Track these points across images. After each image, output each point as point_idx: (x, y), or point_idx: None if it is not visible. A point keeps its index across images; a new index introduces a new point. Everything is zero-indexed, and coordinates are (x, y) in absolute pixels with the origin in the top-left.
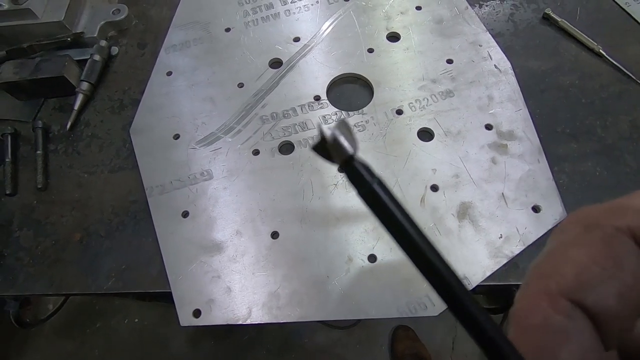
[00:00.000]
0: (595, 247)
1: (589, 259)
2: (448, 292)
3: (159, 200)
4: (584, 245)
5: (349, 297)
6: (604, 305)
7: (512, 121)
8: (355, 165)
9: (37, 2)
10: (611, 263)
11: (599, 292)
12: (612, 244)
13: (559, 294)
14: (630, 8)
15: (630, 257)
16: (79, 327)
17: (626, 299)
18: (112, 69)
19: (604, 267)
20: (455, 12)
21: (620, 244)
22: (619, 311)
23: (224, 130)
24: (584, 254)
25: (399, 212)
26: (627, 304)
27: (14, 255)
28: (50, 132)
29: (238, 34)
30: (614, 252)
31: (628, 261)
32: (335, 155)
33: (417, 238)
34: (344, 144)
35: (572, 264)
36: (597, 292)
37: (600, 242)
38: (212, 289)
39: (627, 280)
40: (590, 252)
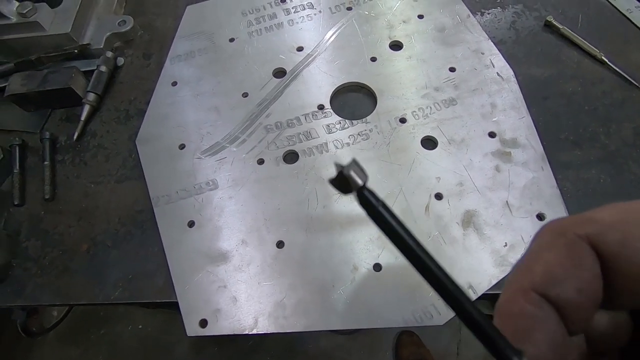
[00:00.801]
0: (560, 250)
1: (555, 260)
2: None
3: (165, 210)
4: (551, 249)
5: (354, 306)
6: (565, 297)
7: (516, 129)
8: (365, 194)
9: (44, 15)
10: (571, 264)
11: (562, 287)
12: (573, 249)
13: (531, 288)
14: (632, 15)
15: (587, 259)
16: (83, 334)
17: (584, 292)
18: (118, 79)
19: (566, 267)
20: (457, 20)
21: (579, 249)
22: (579, 302)
23: (229, 139)
24: (551, 256)
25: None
26: (585, 297)
27: (22, 265)
28: (57, 142)
29: (242, 44)
30: (575, 254)
31: (585, 262)
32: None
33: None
34: (356, 178)
35: (541, 264)
36: (560, 287)
37: (564, 246)
38: (219, 298)
39: (584, 277)
40: (556, 254)
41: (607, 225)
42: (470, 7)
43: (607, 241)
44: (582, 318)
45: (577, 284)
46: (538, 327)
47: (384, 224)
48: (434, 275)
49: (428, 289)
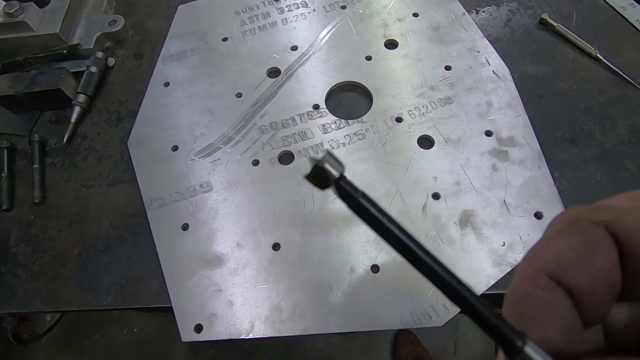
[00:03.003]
0: (573, 237)
1: (568, 245)
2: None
3: (159, 213)
4: (564, 236)
5: (352, 308)
6: (579, 282)
7: (512, 127)
8: (343, 185)
9: (32, 15)
10: (586, 249)
11: (575, 271)
12: (587, 234)
13: (542, 273)
14: (626, 12)
15: (602, 244)
16: (77, 338)
17: (599, 279)
18: (109, 80)
19: (579, 251)
20: (452, 18)
21: (594, 234)
22: (594, 289)
23: (223, 140)
24: (564, 242)
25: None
26: (601, 284)
27: (11, 272)
28: (47, 145)
29: (235, 44)
30: (589, 240)
31: (600, 247)
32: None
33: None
34: (332, 170)
35: (554, 250)
36: (573, 272)
37: (578, 233)
38: (214, 303)
39: (599, 262)
40: (569, 240)
41: (624, 211)
42: (465, 5)
43: (624, 226)
44: (598, 307)
45: (592, 269)
46: (547, 311)
47: (366, 215)
48: (421, 261)
49: (426, 290)
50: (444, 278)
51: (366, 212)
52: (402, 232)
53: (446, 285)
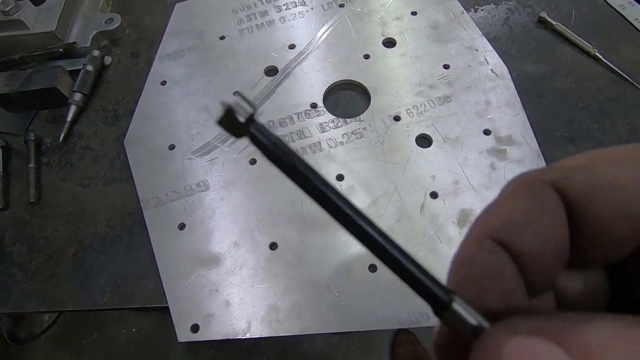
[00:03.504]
0: (521, 197)
1: (514, 206)
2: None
3: (155, 213)
4: (513, 197)
5: (350, 308)
6: (524, 244)
7: (511, 126)
8: (252, 131)
9: (28, 13)
10: (532, 209)
11: (520, 233)
12: (536, 194)
13: (485, 236)
14: (624, 10)
15: (549, 204)
16: (75, 338)
17: (546, 239)
18: (106, 79)
19: (525, 212)
20: (450, 16)
21: (543, 194)
22: (541, 251)
23: (220, 139)
24: (510, 203)
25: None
26: (548, 245)
27: (6, 271)
28: (42, 144)
29: (233, 42)
30: (537, 200)
31: (548, 207)
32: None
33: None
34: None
35: (499, 212)
36: (518, 233)
37: (526, 193)
38: (211, 303)
39: (546, 223)
40: (516, 201)
41: (573, 169)
42: (463, 3)
43: (573, 185)
44: (545, 271)
45: (537, 229)
46: (488, 274)
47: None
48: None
49: None
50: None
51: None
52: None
53: (366, 235)
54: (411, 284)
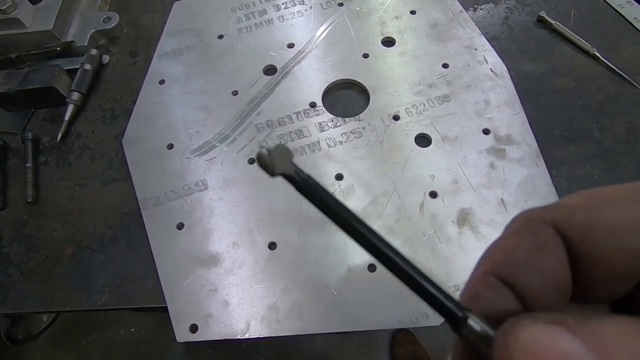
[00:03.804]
0: (523, 236)
1: (516, 245)
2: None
3: (153, 212)
4: (515, 235)
5: (349, 308)
6: (526, 281)
7: (510, 125)
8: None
9: (25, 12)
10: (534, 248)
11: (522, 271)
12: (537, 233)
13: (489, 273)
14: (623, 10)
15: (550, 243)
16: (74, 339)
17: (546, 278)
18: (104, 78)
19: (527, 250)
20: (449, 16)
21: (543, 233)
22: (541, 288)
23: (219, 138)
24: (513, 241)
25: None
26: (548, 282)
27: (4, 271)
28: (40, 143)
29: (231, 41)
30: (538, 239)
31: (549, 246)
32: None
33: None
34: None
35: (502, 249)
36: (520, 271)
37: (528, 232)
38: (209, 303)
39: (547, 261)
40: (519, 240)
41: (572, 208)
42: (462, 2)
43: (572, 224)
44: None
45: (539, 269)
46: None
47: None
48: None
49: None
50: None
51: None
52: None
53: (391, 261)
54: (430, 302)
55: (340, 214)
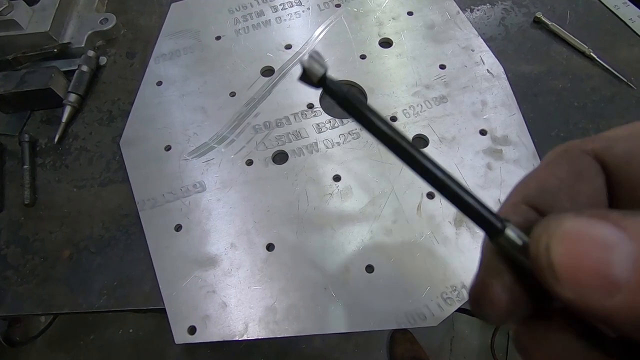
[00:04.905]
0: (559, 165)
1: (551, 174)
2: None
3: (151, 214)
4: (551, 165)
5: (347, 309)
6: (558, 208)
7: (507, 126)
8: (328, 84)
9: (21, 13)
10: (569, 176)
11: (555, 198)
12: (574, 162)
13: (521, 202)
14: (619, 11)
15: (587, 172)
16: (72, 340)
17: (580, 204)
18: (101, 79)
19: (562, 179)
20: (446, 17)
21: (581, 162)
22: None
23: (217, 140)
24: (548, 170)
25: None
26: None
27: (1, 274)
28: (37, 145)
29: (229, 42)
30: (575, 168)
31: (586, 174)
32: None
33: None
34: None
35: (536, 178)
36: (552, 198)
37: (565, 161)
38: (207, 304)
39: (582, 188)
40: (554, 169)
41: (614, 139)
42: (459, 3)
43: (614, 153)
44: None
45: (572, 195)
46: None
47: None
48: (405, 151)
49: (421, 290)
50: (426, 167)
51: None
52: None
53: (429, 173)
54: (470, 214)
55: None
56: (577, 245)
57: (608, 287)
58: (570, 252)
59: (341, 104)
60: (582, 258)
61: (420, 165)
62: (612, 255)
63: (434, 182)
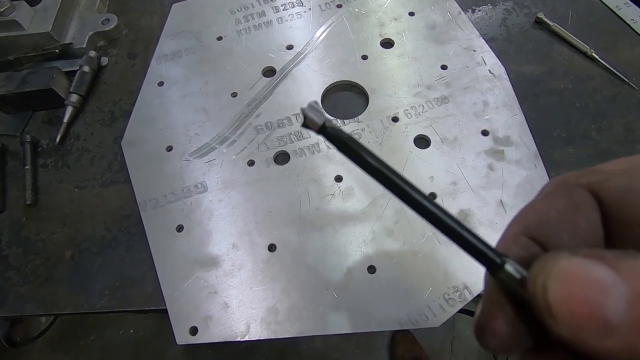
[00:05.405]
0: (557, 198)
1: (550, 206)
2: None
3: (153, 215)
4: (549, 197)
5: (348, 310)
6: (557, 240)
7: (508, 127)
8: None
9: (23, 14)
10: (567, 209)
11: (554, 230)
12: (571, 196)
13: (520, 233)
14: (621, 11)
15: (584, 205)
16: (72, 340)
17: (578, 238)
18: (102, 80)
19: (560, 211)
20: (448, 17)
21: (577, 195)
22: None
23: (218, 140)
24: (547, 203)
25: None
26: (580, 243)
27: (2, 274)
28: (39, 146)
29: (230, 43)
30: (572, 201)
31: (582, 208)
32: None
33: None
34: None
35: (536, 210)
36: (552, 230)
37: (562, 194)
38: (209, 305)
39: (579, 222)
40: (552, 201)
41: (610, 173)
42: (461, 4)
43: (609, 187)
44: None
45: (570, 228)
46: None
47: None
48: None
49: (423, 290)
50: (425, 206)
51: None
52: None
53: (429, 212)
54: (470, 251)
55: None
56: (573, 286)
57: (603, 328)
58: (567, 293)
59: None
60: (578, 299)
61: (422, 206)
62: (607, 297)
63: (437, 222)
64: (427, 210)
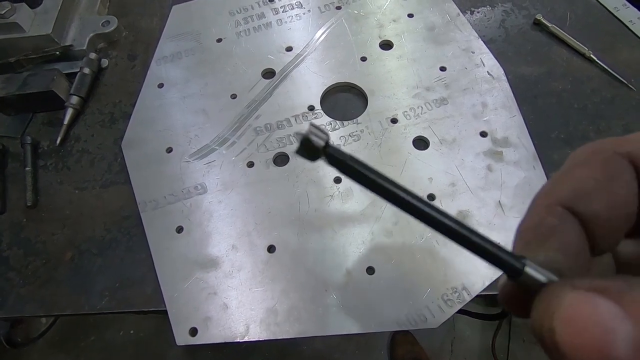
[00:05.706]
0: (594, 166)
1: (587, 175)
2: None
3: (153, 216)
4: (585, 165)
5: (348, 310)
6: (594, 210)
7: (507, 128)
8: (330, 152)
9: (24, 16)
10: (606, 178)
11: (592, 200)
12: (609, 164)
13: (555, 203)
14: (619, 13)
15: (623, 175)
16: (73, 341)
17: (615, 208)
18: (102, 81)
19: (598, 180)
20: (447, 19)
21: (616, 164)
22: (609, 218)
23: (218, 142)
24: (584, 171)
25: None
26: (615, 212)
27: (3, 275)
28: (39, 147)
29: (230, 45)
30: (610, 169)
31: (621, 178)
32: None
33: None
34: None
35: (571, 179)
36: (588, 200)
37: (599, 162)
38: (209, 306)
39: (617, 191)
40: (589, 170)
41: None
42: (459, 5)
43: None
44: (610, 236)
45: (607, 197)
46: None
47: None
48: (414, 207)
49: (422, 291)
50: (437, 219)
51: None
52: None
53: (441, 224)
54: (489, 259)
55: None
56: (580, 326)
57: None
58: (574, 333)
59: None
60: (586, 340)
61: (435, 220)
62: (613, 335)
63: (454, 235)
64: (443, 225)
